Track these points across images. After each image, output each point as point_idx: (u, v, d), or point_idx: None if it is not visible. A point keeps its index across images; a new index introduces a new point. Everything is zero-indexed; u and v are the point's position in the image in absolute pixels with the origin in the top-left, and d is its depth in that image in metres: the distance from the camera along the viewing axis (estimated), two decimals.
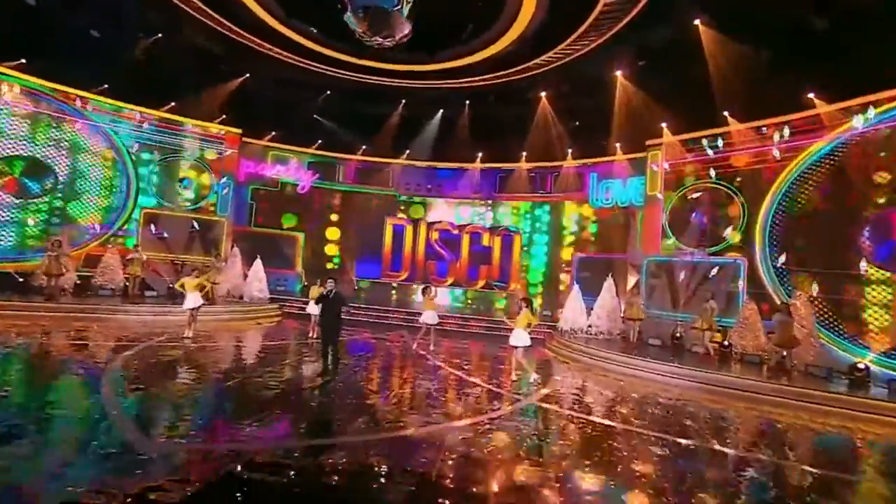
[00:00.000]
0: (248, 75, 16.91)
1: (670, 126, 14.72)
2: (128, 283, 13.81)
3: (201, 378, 7.58)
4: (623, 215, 17.08)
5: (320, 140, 19.85)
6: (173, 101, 16.48)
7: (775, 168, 12.43)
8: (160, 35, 14.42)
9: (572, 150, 18.13)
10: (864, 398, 8.45)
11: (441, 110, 19.13)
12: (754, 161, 13.02)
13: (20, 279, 12.64)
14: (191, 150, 17.16)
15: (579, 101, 16.30)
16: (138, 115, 16.03)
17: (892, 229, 10.15)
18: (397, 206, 21.13)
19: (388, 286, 20.52)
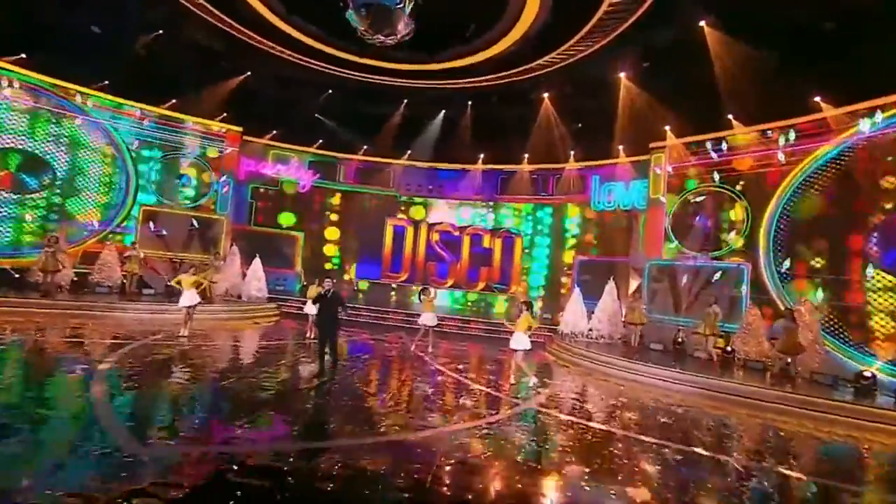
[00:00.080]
0: (249, 73, 16.83)
1: (674, 129, 14.59)
2: (125, 280, 13.72)
3: (194, 378, 7.44)
4: (625, 218, 16.96)
5: (321, 139, 19.77)
6: (174, 99, 16.44)
7: (780, 172, 12.29)
8: (161, 31, 14.34)
9: (575, 152, 18.02)
10: (870, 407, 8.27)
11: (443, 111, 19.01)
12: (759, 165, 12.88)
13: (16, 275, 12.57)
14: (191, 148, 17.09)
15: (582, 103, 16.18)
16: (139, 112, 15.97)
17: None
18: (398, 206, 21.03)
19: (388, 287, 20.41)
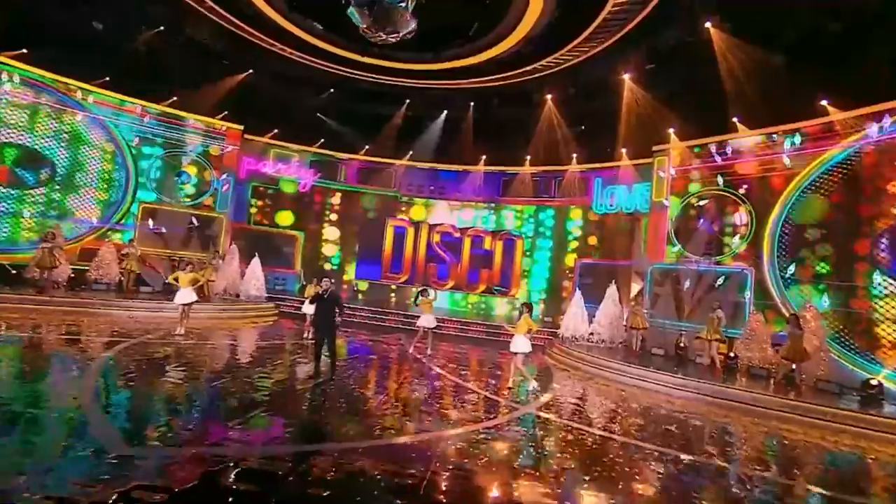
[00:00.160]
0: (250, 71, 16.75)
1: (678, 131, 14.46)
2: (123, 277, 13.61)
3: (188, 377, 7.31)
4: (627, 221, 16.81)
5: (322, 139, 19.67)
6: (175, 96, 16.37)
7: (786, 176, 12.15)
8: (163, 28, 14.28)
9: (577, 154, 17.90)
10: (877, 416, 8.10)
11: (445, 111, 18.89)
12: (764, 168, 12.74)
13: (12, 271, 12.47)
14: (192, 146, 17.00)
15: (585, 105, 16.07)
16: (139, 109, 15.89)
17: None
18: (399, 207, 20.91)
19: (388, 288, 20.28)
